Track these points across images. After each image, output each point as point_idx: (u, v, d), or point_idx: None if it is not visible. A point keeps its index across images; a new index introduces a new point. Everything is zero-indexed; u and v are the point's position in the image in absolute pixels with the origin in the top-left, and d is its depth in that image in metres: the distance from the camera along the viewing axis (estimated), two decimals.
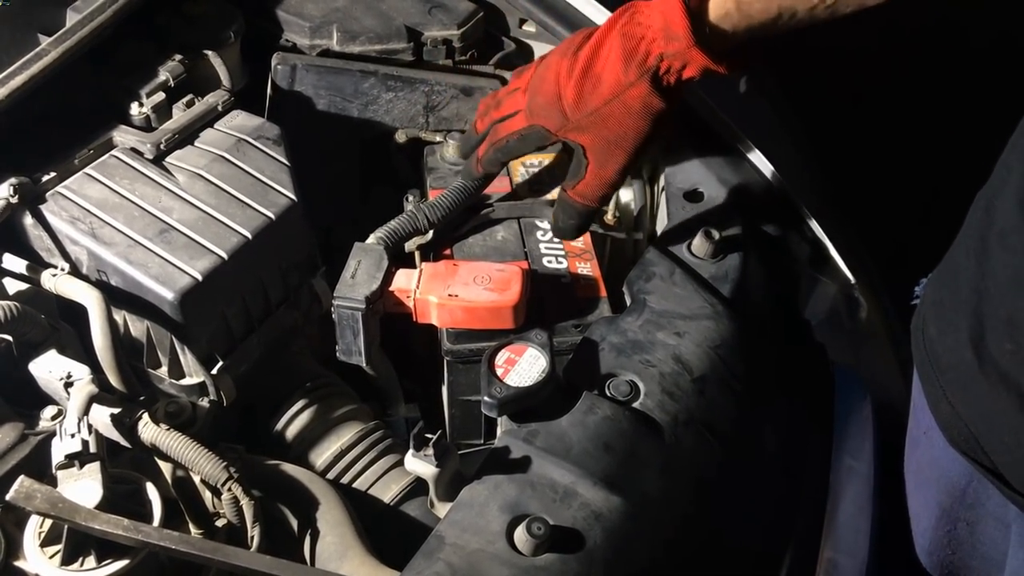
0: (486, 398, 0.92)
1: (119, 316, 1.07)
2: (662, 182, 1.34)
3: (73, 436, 0.90)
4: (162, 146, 1.17)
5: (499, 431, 1.00)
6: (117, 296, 1.05)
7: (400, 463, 1.11)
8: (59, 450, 0.90)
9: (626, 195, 1.35)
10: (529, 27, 1.51)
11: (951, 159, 1.67)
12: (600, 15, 1.40)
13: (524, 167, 1.33)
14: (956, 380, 0.92)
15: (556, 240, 1.22)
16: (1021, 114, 0.87)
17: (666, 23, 0.93)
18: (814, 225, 1.28)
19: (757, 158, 1.30)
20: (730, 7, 0.92)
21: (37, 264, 1.05)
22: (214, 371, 1.09)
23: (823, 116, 1.63)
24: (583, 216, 1.08)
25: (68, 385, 0.96)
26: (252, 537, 0.94)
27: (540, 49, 1.51)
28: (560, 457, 0.90)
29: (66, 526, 0.87)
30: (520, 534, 0.84)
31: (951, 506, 1.04)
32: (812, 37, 0.95)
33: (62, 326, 1.05)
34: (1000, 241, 0.85)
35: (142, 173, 1.14)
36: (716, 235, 1.14)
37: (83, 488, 0.87)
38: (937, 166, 1.93)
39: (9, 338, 0.99)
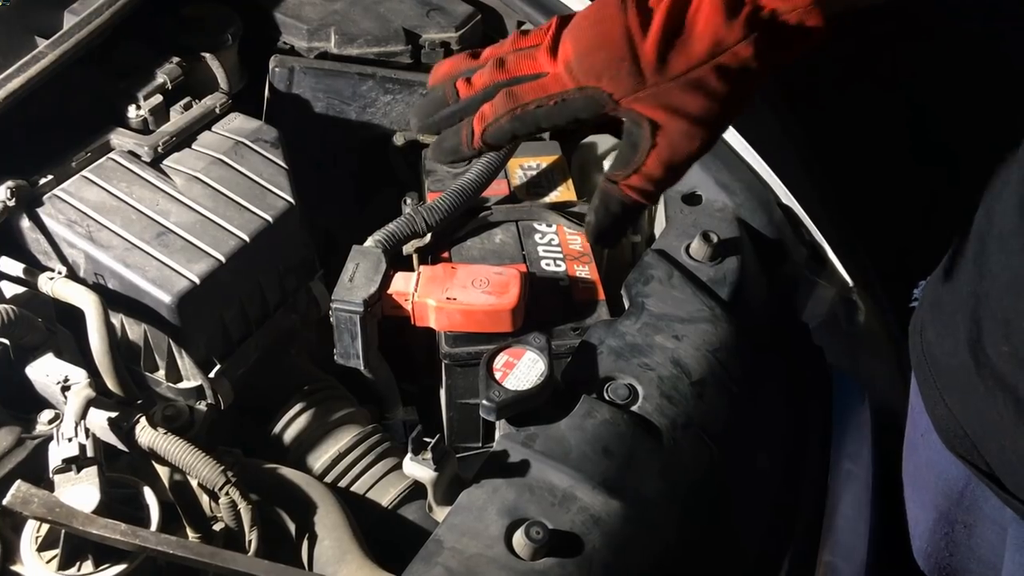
0: (484, 401, 0.92)
1: (116, 319, 1.07)
2: None
3: (70, 440, 0.90)
4: (159, 149, 1.17)
5: (497, 434, 0.99)
6: (114, 299, 1.05)
7: (398, 466, 1.11)
8: (56, 454, 0.89)
9: None
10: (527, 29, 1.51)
11: (950, 162, 1.67)
12: None
13: (522, 169, 1.33)
14: (953, 383, 0.92)
15: (554, 243, 1.22)
16: (1020, 117, 0.87)
17: None
18: (812, 228, 1.28)
19: (755, 161, 1.30)
20: None
21: (34, 267, 1.05)
22: (212, 374, 1.09)
23: (821, 119, 1.63)
24: (630, 214, 0.83)
25: (65, 389, 0.96)
26: (250, 541, 0.94)
27: None
28: (559, 461, 0.90)
29: (63, 531, 0.86)
30: (519, 538, 0.84)
31: (948, 509, 1.04)
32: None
33: (59, 330, 1.04)
34: (998, 244, 0.85)
35: (139, 176, 1.14)
36: (714, 238, 1.14)
37: (80, 492, 0.87)
38: (936, 169, 1.93)
39: (6, 342, 0.99)
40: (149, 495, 0.95)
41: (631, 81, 0.76)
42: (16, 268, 1.04)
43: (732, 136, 1.31)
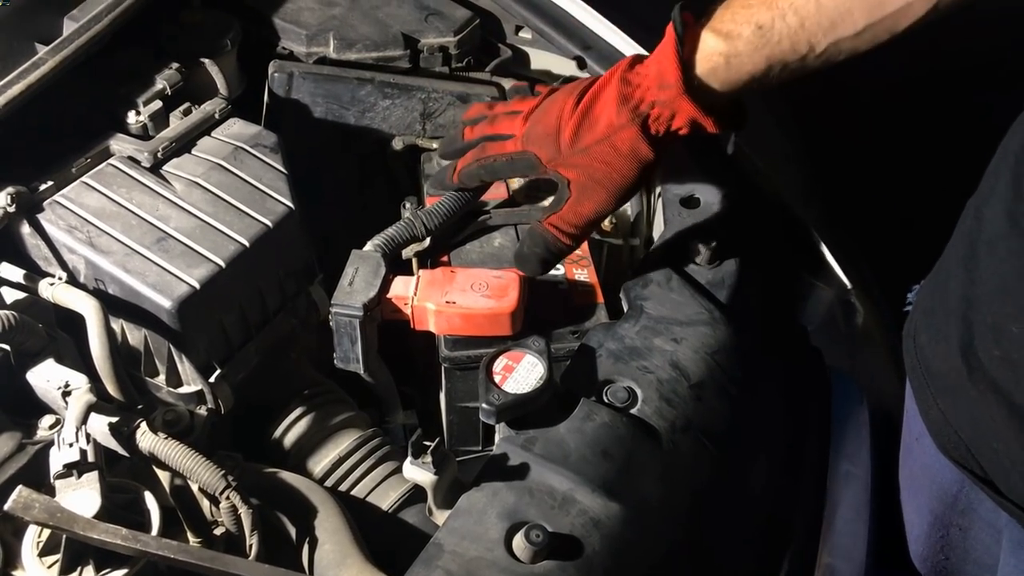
0: (484, 405, 0.92)
1: (117, 325, 1.07)
2: (659, 188, 1.35)
3: (71, 445, 0.90)
4: (159, 154, 1.17)
5: (497, 438, 1.00)
6: (115, 305, 1.05)
7: (398, 470, 1.11)
8: (57, 459, 0.89)
9: None
10: (525, 34, 1.51)
11: (945, 165, 1.68)
12: (595, 21, 1.41)
13: None
14: (946, 387, 0.92)
15: None
16: (1009, 122, 0.88)
17: (660, 71, 0.96)
18: (810, 231, 1.28)
19: (753, 164, 1.30)
20: (718, 62, 0.93)
21: (35, 273, 1.05)
22: (212, 379, 1.09)
23: (819, 123, 1.63)
24: (549, 251, 1.07)
25: (66, 394, 0.96)
26: (250, 545, 0.94)
27: (536, 56, 1.51)
28: (558, 464, 0.90)
29: (64, 536, 0.86)
30: (519, 541, 0.84)
31: (944, 512, 1.04)
32: None
33: (60, 335, 1.04)
34: (988, 248, 0.86)
35: (139, 181, 1.14)
36: (713, 241, 1.15)
37: (81, 497, 0.87)
38: (932, 171, 1.93)
39: (7, 347, 0.99)
40: (150, 500, 0.95)
41: (553, 150, 1.03)
42: (16, 274, 1.04)
43: (730, 140, 1.31)
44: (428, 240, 1.20)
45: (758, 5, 0.91)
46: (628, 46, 1.38)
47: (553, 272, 1.19)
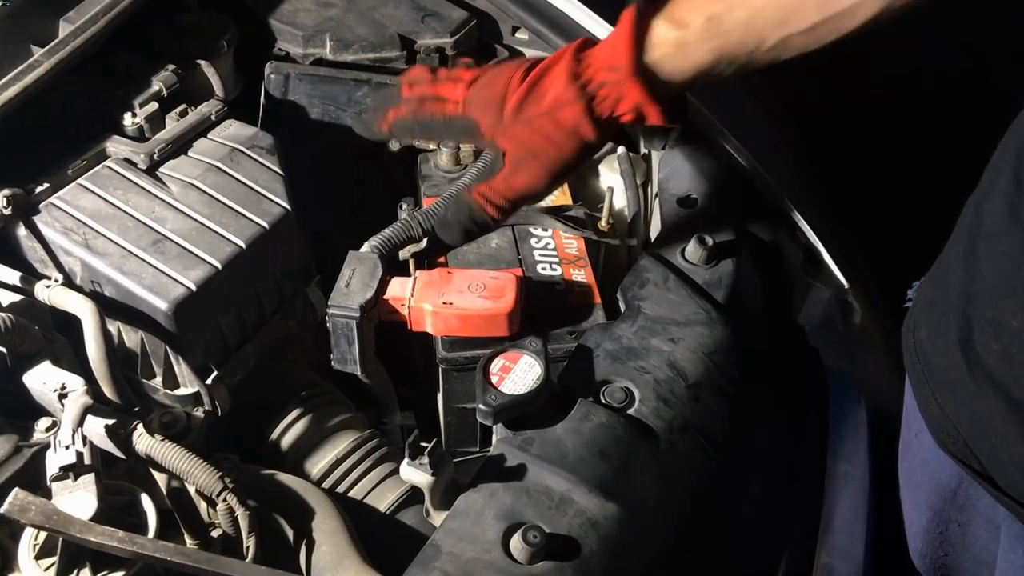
0: (481, 406, 0.92)
1: (113, 327, 1.07)
2: (655, 188, 1.35)
3: (67, 448, 0.90)
4: (155, 156, 1.17)
5: (494, 439, 1.00)
6: (111, 307, 1.05)
7: (395, 472, 1.11)
8: (53, 462, 0.89)
9: (620, 201, 1.36)
10: (522, 35, 1.51)
11: (944, 162, 1.68)
12: (591, 22, 1.41)
13: None
14: (945, 382, 0.92)
15: (550, 247, 1.22)
16: (1010, 119, 0.88)
17: (612, 53, 0.95)
18: (807, 230, 1.28)
19: (750, 164, 1.30)
20: (668, 50, 0.93)
21: (31, 275, 1.05)
22: (208, 381, 1.09)
23: (816, 121, 1.63)
24: (474, 221, 1.03)
25: (62, 396, 0.96)
26: (248, 547, 0.94)
27: (533, 57, 1.51)
28: (556, 464, 0.90)
29: (61, 538, 0.86)
30: (516, 542, 0.84)
31: (942, 508, 1.05)
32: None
33: (56, 337, 1.04)
34: (988, 244, 0.86)
35: (135, 183, 1.14)
36: (710, 241, 1.15)
37: (78, 500, 0.87)
38: (930, 169, 1.94)
39: (3, 350, 0.99)
40: (147, 502, 0.95)
41: (495, 119, 1.00)
42: (13, 276, 1.04)
43: (727, 139, 1.31)
44: (425, 241, 1.20)
45: None
46: None
47: (550, 273, 1.19)
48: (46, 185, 1.10)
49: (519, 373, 0.95)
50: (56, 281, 1.04)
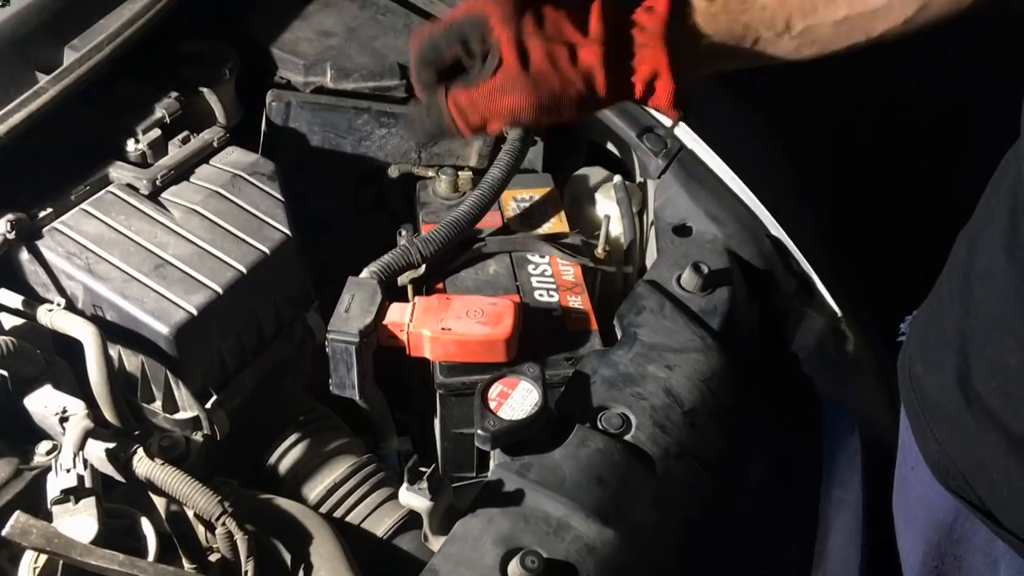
0: (479, 431, 0.93)
1: (114, 351, 1.08)
2: (651, 216, 1.36)
3: (68, 471, 0.90)
4: (158, 182, 1.18)
5: (492, 464, 1.00)
6: (112, 331, 1.05)
7: (393, 496, 1.12)
8: (54, 485, 0.90)
9: (616, 229, 1.37)
10: None
11: (937, 194, 1.69)
12: None
13: (515, 201, 1.35)
14: (944, 419, 0.92)
15: (547, 274, 1.23)
16: (1003, 153, 0.89)
17: (647, 18, 0.88)
18: (801, 259, 1.30)
19: (745, 193, 1.32)
20: (700, 18, 0.88)
21: (33, 299, 1.06)
22: (208, 405, 1.09)
23: (811, 151, 1.65)
24: (439, 128, 0.91)
25: (63, 420, 0.96)
26: (246, 572, 0.94)
27: None
28: (553, 490, 0.91)
29: (61, 561, 0.87)
30: (514, 567, 0.84)
31: (938, 542, 1.04)
32: (801, 68, 0.95)
33: (57, 361, 1.05)
34: (983, 281, 0.86)
35: (138, 209, 1.15)
36: (705, 269, 1.16)
37: (78, 523, 0.87)
38: (923, 200, 1.96)
39: (4, 373, 0.99)
40: (146, 526, 0.96)
41: (511, 9, 0.87)
42: (15, 300, 1.05)
43: (721, 168, 1.33)
44: (424, 267, 1.21)
45: None
46: None
47: (547, 299, 1.20)
48: (49, 210, 1.11)
49: (517, 399, 0.96)
50: (58, 305, 1.05)
